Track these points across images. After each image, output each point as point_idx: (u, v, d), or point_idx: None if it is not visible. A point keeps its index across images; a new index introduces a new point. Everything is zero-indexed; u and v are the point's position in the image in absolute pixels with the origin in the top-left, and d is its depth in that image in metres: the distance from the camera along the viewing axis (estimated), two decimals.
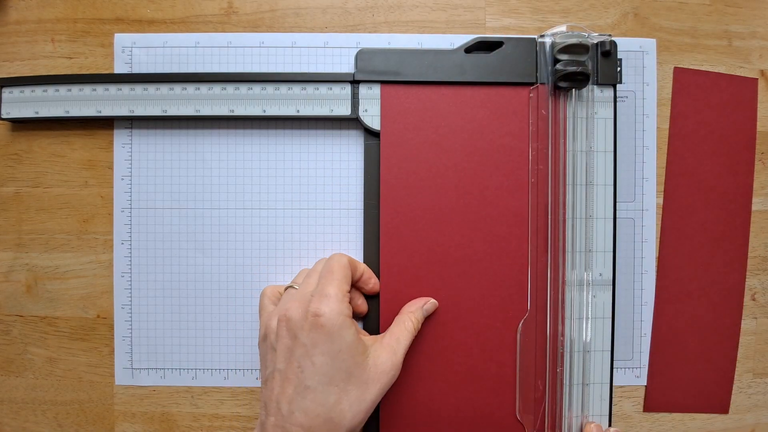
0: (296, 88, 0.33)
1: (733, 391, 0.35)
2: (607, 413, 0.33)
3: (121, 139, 0.34)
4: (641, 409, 0.35)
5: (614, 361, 0.33)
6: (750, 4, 0.35)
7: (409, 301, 0.32)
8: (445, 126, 0.33)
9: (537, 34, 0.33)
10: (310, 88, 0.33)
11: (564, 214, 0.31)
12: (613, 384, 0.33)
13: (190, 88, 0.33)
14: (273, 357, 0.27)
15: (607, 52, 0.33)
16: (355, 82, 0.33)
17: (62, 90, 0.33)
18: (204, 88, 0.32)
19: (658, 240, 0.35)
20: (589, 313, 0.31)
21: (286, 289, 0.30)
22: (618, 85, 0.32)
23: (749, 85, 0.35)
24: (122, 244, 0.34)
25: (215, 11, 0.35)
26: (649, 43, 0.35)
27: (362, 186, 0.34)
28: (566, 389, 0.31)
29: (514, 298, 0.33)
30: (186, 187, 0.34)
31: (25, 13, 0.35)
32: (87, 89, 0.33)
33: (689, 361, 0.34)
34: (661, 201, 0.35)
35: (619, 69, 0.32)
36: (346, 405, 0.26)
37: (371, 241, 0.33)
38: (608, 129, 0.32)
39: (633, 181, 0.35)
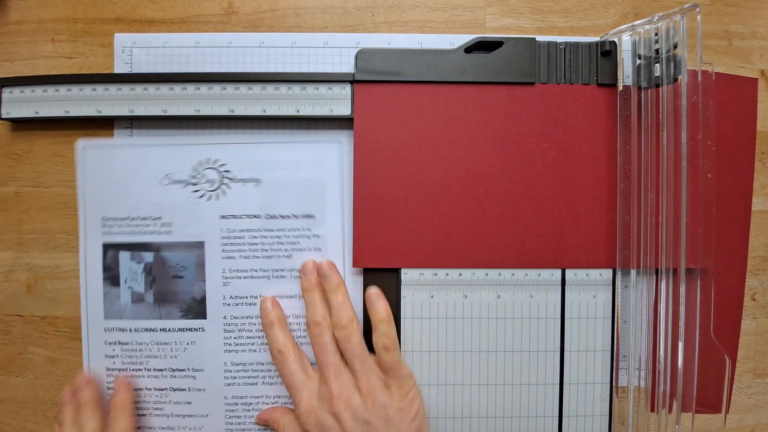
0: (296, 88, 0.33)
1: (733, 391, 0.35)
2: (608, 413, 0.33)
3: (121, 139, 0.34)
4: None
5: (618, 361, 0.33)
6: (750, 4, 0.35)
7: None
8: (421, 123, 0.33)
9: (537, 35, 0.33)
10: (310, 88, 0.33)
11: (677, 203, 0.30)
12: (618, 384, 0.33)
13: (190, 88, 0.33)
14: None
15: (608, 52, 0.33)
16: (355, 82, 0.33)
17: (62, 90, 0.33)
18: (204, 88, 0.33)
19: None
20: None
21: None
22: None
23: (749, 85, 0.35)
24: None
25: (215, 11, 0.35)
26: None
27: None
28: None
29: None
30: None
31: (25, 13, 0.35)
32: (87, 89, 0.33)
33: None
34: None
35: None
36: None
37: None
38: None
39: None
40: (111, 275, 0.33)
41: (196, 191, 0.33)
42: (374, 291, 0.32)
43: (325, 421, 0.29)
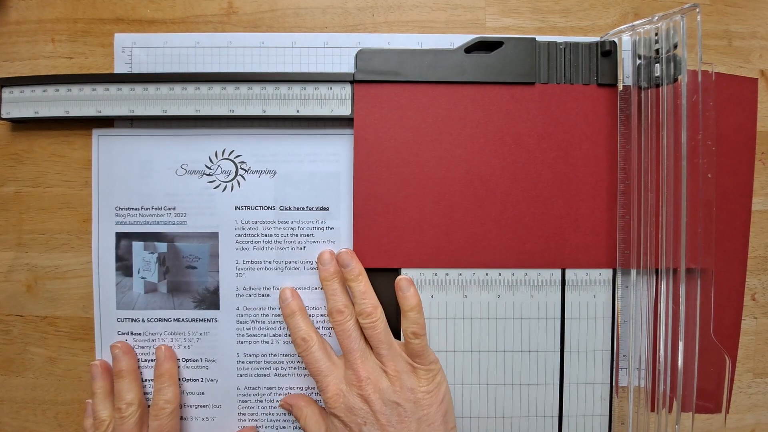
0: (296, 88, 0.33)
1: (733, 391, 0.35)
2: (608, 413, 0.33)
3: None
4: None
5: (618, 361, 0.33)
6: (750, 4, 0.35)
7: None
8: (421, 123, 0.33)
9: (537, 35, 0.33)
10: (310, 88, 0.33)
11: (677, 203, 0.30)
12: (618, 384, 0.33)
13: (190, 88, 0.33)
14: None
15: (608, 52, 0.33)
16: (355, 82, 0.33)
17: (62, 90, 0.33)
18: (204, 88, 0.33)
19: None
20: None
21: None
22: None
23: (749, 85, 0.35)
24: None
25: (215, 11, 0.35)
26: None
27: None
28: None
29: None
30: None
31: (25, 13, 0.35)
32: (87, 89, 0.33)
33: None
34: None
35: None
36: None
37: None
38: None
39: None
40: (123, 265, 0.34)
41: (211, 182, 0.34)
42: (405, 278, 0.32)
43: (354, 404, 0.29)
